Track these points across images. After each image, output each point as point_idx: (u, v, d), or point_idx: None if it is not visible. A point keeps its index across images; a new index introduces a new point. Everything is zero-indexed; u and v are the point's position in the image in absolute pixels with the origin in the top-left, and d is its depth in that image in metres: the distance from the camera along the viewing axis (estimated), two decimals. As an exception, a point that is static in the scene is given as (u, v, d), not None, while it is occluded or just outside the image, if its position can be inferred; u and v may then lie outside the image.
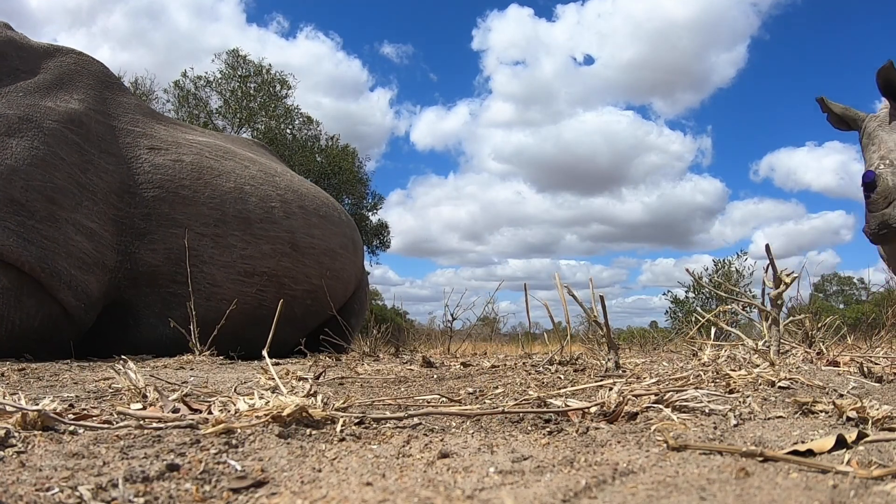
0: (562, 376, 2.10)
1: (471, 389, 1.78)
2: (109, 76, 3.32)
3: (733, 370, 1.86)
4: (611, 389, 1.37)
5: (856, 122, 4.14)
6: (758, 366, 1.99)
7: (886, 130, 3.95)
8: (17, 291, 2.61)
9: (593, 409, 1.27)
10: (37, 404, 1.05)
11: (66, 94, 2.94)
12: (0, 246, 2.56)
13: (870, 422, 1.14)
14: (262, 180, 3.58)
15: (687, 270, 3.08)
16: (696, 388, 1.53)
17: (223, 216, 3.23)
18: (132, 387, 1.39)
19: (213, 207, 3.20)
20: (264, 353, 1.71)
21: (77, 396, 1.54)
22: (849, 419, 1.17)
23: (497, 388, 1.80)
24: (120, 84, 3.39)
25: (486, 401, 1.55)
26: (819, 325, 3.03)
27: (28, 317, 2.67)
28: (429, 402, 1.50)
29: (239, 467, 0.82)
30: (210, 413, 1.15)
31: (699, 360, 2.41)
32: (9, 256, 2.58)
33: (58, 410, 1.07)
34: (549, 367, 2.44)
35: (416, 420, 1.20)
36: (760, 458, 0.85)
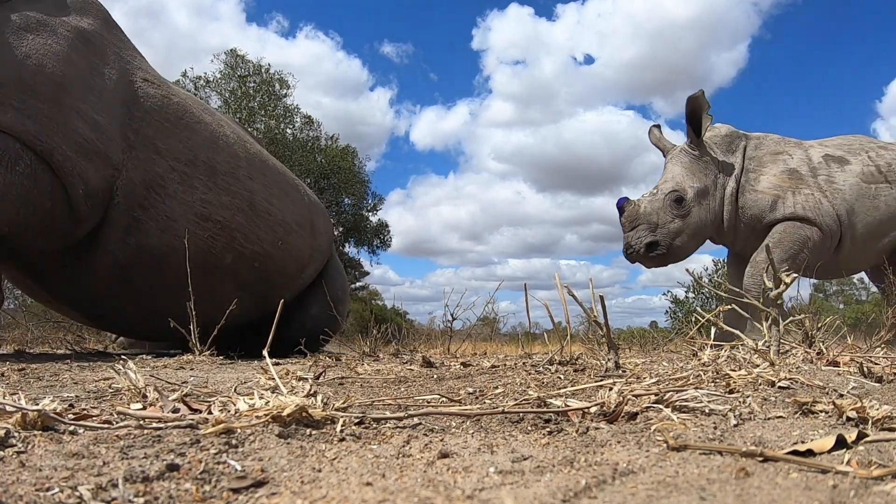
0: (562, 376, 2.10)
1: (471, 389, 1.78)
2: (112, 20, 3.52)
3: (733, 370, 1.86)
4: (611, 389, 1.37)
5: (666, 151, 4.59)
6: (758, 366, 1.99)
7: (672, 161, 4.41)
8: (34, 172, 2.74)
9: (593, 409, 1.27)
10: (37, 404, 1.05)
11: (77, 17, 3.14)
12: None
13: (870, 422, 1.14)
14: (234, 141, 3.79)
15: (687, 270, 3.13)
16: (696, 388, 1.53)
17: (194, 159, 3.40)
18: (132, 387, 1.39)
19: (188, 148, 3.38)
20: (265, 353, 1.71)
21: (77, 396, 1.54)
22: (849, 419, 1.17)
23: (497, 388, 1.80)
24: (120, 28, 3.58)
25: (486, 401, 1.55)
26: (819, 325, 3.03)
27: (41, 198, 2.78)
28: (429, 402, 1.50)
29: (239, 467, 0.82)
30: (210, 413, 1.15)
31: (699, 360, 2.41)
32: (7, 130, 2.70)
33: (58, 410, 1.07)
34: (549, 367, 2.44)
35: (416, 420, 1.20)
36: (760, 458, 0.85)
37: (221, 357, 3.29)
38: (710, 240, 4.53)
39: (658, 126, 4.83)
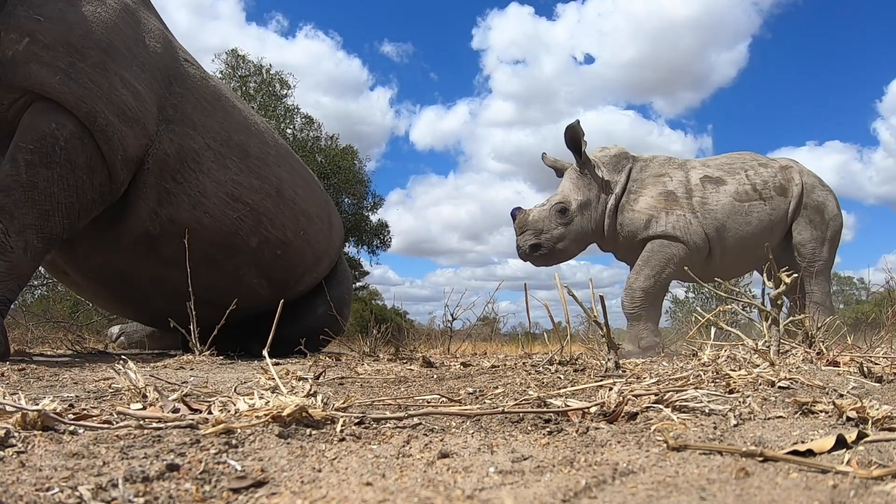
0: (562, 376, 2.10)
1: (471, 389, 1.78)
2: (151, 4, 3.59)
3: (733, 370, 1.86)
4: (611, 389, 1.37)
5: (563, 171, 5.13)
6: (758, 366, 1.99)
7: (564, 178, 5.03)
8: (69, 155, 2.79)
9: (593, 409, 1.27)
10: (37, 404, 1.05)
11: None
12: (44, 83, 2.73)
13: (870, 422, 1.14)
14: (264, 129, 3.90)
15: (687, 270, 3.18)
16: (696, 388, 1.53)
17: (228, 139, 3.48)
18: (132, 387, 1.39)
19: (223, 128, 3.46)
20: (265, 353, 1.71)
21: (77, 396, 1.54)
22: (849, 419, 1.17)
23: (497, 388, 1.80)
24: (157, 12, 3.66)
25: (486, 401, 1.55)
26: (819, 325, 3.03)
27: (81, 177, 2.82)
28: (429, 402, 1.50)
29: (239, 467, 0.82)
30: (210, 413, 1.15)
31: (699, 360, 2.41)
32: (50, 92, 2.75)
33: (58, 410, 1.07)
34: (549, 367, 2.44)
35: (416, 420, 1.20)
36: (760, 458, 0.85)
37: (221, 357, 3.29)
38: (597, 246, 5.12)
39: (545, 154, 5.51)
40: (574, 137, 4.80)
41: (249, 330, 3.87)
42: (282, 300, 2.46)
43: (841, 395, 1.51)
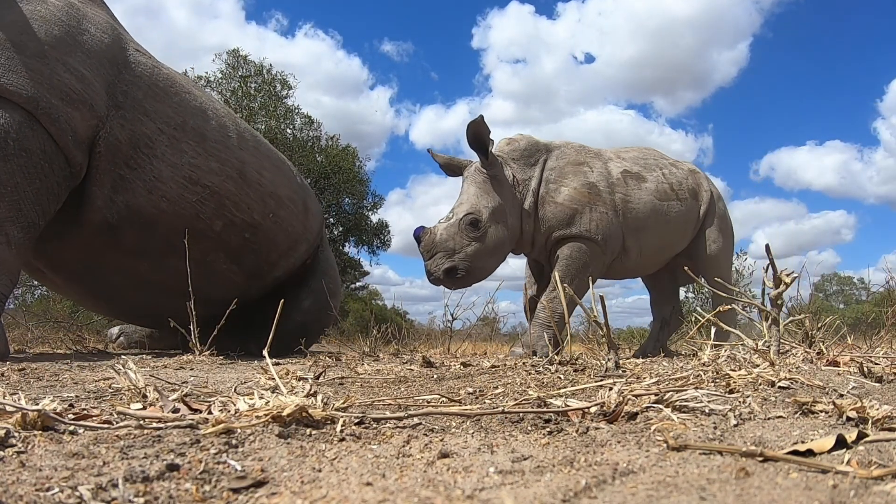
0: (562, 376, 2.10)
1: (471, 389, 1.78)
2: (104, 2, 3.64)
3: (733, 370, 1.86)
4: (611, 389, 1.37)
5: (459, 169, 4.55)
6: (758, 366, 1.99)
7: (467, 181, 4.43)
8: (29, 123, 2.85)
9: (593, 409, 1.27)
10: (37, 404, 1.05)
11: None
12: None
13: (870, 422, 1.14)
14: (224, 113, 3.87)
15: (687, 270, 3.15)
16: (696, 388, 1.53)
17: (183, 124, 3.48)
18: (132, 387, 1.39)
19: (177, 113, 3.46)
20: (264, 352, 1.71)
21: (77, 396, 1.54)
22: (849, 419, 1.17)
23: (497, 388, 1.80)
24: (111, 10, 3.70)
25: (486, 401, 1.55)
26: (819, 325, 3.02)
27: (40, 147, 2.88)
28: (429, 402, 1.50)
29: (239, 467, 0.82)
30: (210, 413, 1.15)
31: (699, 360, 2.41)
32: None
33: (58, 410, 1.07)
34: (549, 367, 2.44)
35: (416, 420, 1.20)
36: (760, 458, 0.85)
37: (221, 357, 3.29)
38: (512, 251, 4.64)
39: (432, 149, 5.00)
40: (478, 135, 4.22)
41: (244, 328, 3.87)
42: (282, 300, 2.46)
43: (841, 395, 1.51)
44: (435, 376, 2.26)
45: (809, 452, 0.88)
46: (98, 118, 3.10)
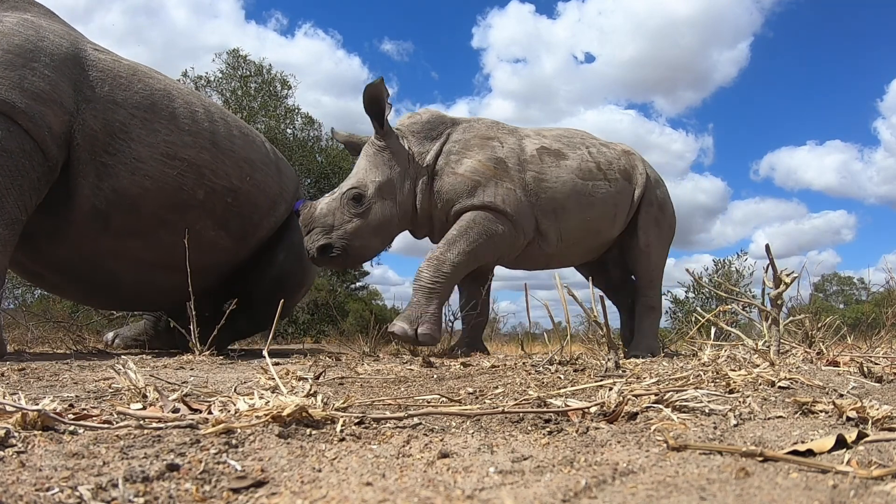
0: (562, 376, 2.10)
1: (471, 389, 1.78)
2: (55, 14, 3.84)
3: (733, 370, 1.86)
4: (611, 389, 1.37)
5: (360, 147, 4.19)
6: (758, 366, 1.99)
7: (361, 155, 4.09)
8: (6, 125, 3.03)
9: (593, 409, 1.27)
10: (37, 404, 1.05)
11: (20, 11, 3.51)
12: None
13: (870, 422, 1.14)
14: (189, 93, 4.08)
15: (687, 270, 3.12)
16: (696, 388, 1.53)
17: (152, 106, 3.68)
18: (132, 387, 1.39)
19: (144, 98, 3.66)
20: (265, 352, 1.71)
21: (77, 396, 1.54)
22: (849, 419, 1.17)
23: (497, 388, 1.80)
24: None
25: (486, 401, 1.55)
26: (819, 325, 3.03)
27: (19, 146, 3.06)
28: (429, 402, 1.50)
29: (239, 467, 0.82)
30: (210, 413, 1.15)
31: (699, 360, 2.41)
32: None
33: (58, 410, 1.07)
34: (549, 367, 2.44)
35: (416, 420, 1.20)
36: (760, 458, 0.85)
37: (221, 357, 3.29)
38: (410, 233, 4.23)
39: (334, 129, 4.86)
40: (374, 99, 3.83)
41: (236, 307, 3.88)
42: (282, 301, 2.46)
43: (841, 395, 1.51)
44: (435, 376, 2.26)
45: (809, 452, 0.88)
46: (69, 114, 3.28)
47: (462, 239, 3.79)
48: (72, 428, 1.02)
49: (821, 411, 1.26)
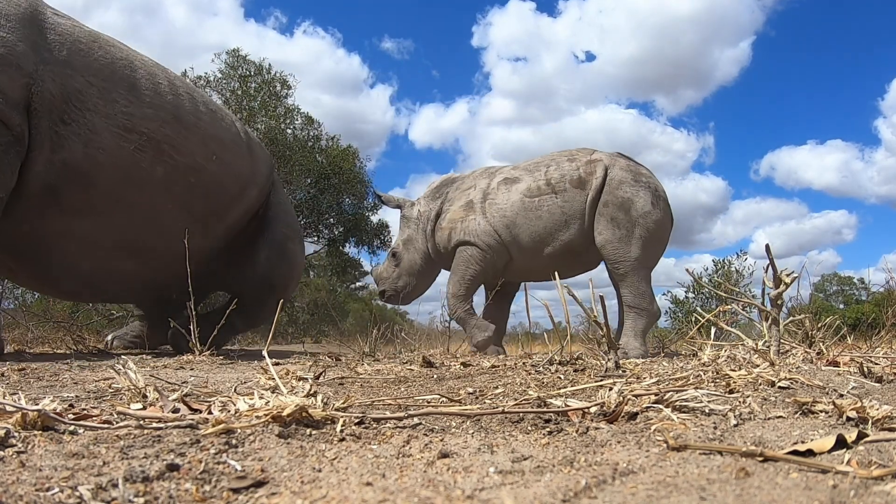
0: (562, 376, 2.10)
1: (471, 389, 1.78)
2: None
3: (733, 370, 1.86)
4: (611, 389, 1.37)
5: (400, 207, 5.73)
6: (758, 366, 1.99)
7: (403, 221, 5.63)
8: None
9: (593, 409, 1.27)
10: (37, 404, 1.05)
11: None
12: None
13: (870, 422, 1.14)
14: (153, 64, 3.85)
15: (687, 270, 3.15)
16: (696, 388, 1.53)
17: (111, 75, 3.46)
18: (132, 387, 1.39)
19: (103, 66, 3.45)
20: (265, 352, 1.71)
21: (77, 396, 1.54)
22: (849, 419, 1.17)
23: (497, 388, 1.80)
24: None
25: (486, 401, 1.55)
26: (819, 325, 3.03)
27: None
28: (429, 402, 1.50)
29: (239, 467, 0.82)
30: (210, 413, 1.15)
31: (699, 360, 2.41)
32: None
33: (58, 410, 1.07)
34: (549, 367, 2.44)
35: (416, 420, 1.20)
36: (760, 458, 0.85)
37: (221, 357, 3.29)
38: (443, 268, 5.54)
39: (376, 191, 6.54)
40: (386, 202, 5.85)
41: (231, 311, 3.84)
42: (281, 301, 2.46)
43: (841, 395, 1.51)
44: (435, 376, 2.26)
45: (809, 452, 0.88)
46: (27, 75, 3.09)
47: (454, 274, 5.08)
48: (72, 428, 1.02)
49: (821, 411, 1.26)
